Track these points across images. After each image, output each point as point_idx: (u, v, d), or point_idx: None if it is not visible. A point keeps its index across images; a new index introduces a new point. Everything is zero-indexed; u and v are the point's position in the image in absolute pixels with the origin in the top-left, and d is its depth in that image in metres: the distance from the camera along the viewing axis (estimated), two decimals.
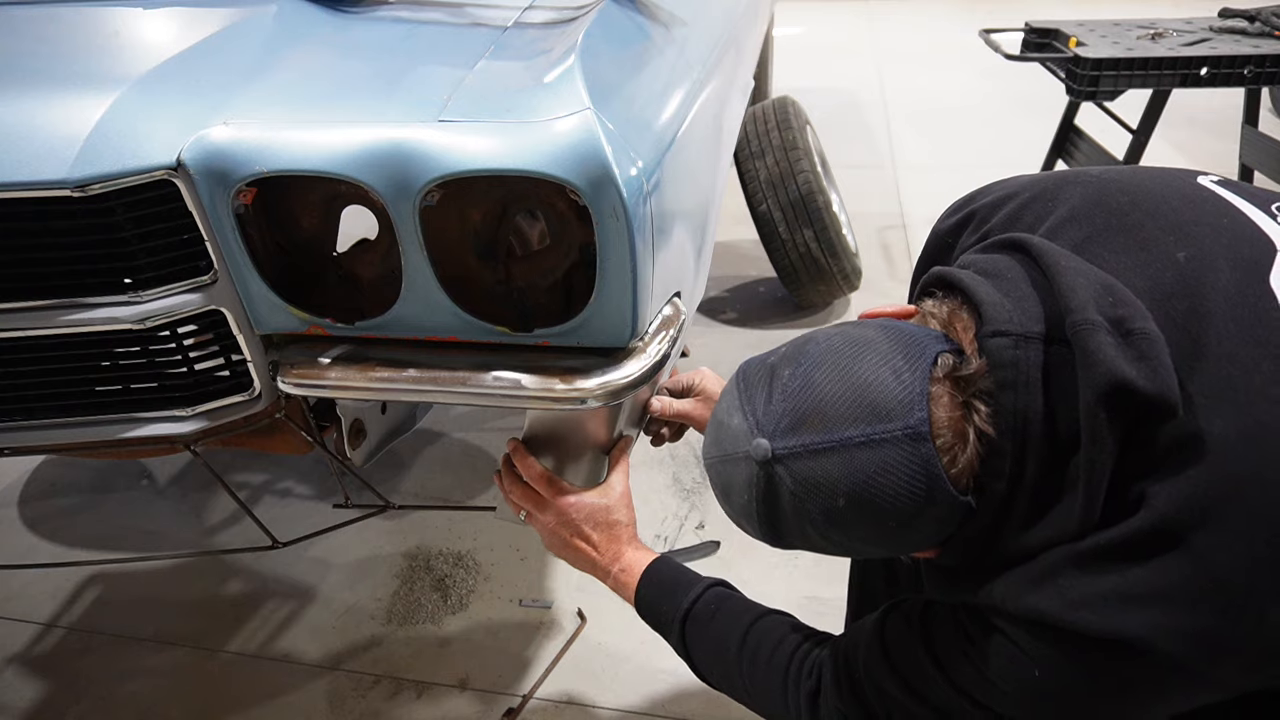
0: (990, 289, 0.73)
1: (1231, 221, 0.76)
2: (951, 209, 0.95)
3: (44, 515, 2.08)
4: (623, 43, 1.18)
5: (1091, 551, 0.68)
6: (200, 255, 1.03)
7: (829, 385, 0.72)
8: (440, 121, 0.96)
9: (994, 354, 0.70)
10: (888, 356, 0.71)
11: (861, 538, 0.74)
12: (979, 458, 0.70)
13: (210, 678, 1.64)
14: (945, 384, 0.70)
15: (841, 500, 0.71)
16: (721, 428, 0.78)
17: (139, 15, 1.24)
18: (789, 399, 0.73)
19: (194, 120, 0.99)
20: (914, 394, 0.69)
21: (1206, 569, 0.65)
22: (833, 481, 0.70)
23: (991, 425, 0.69)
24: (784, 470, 0.72)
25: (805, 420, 0.71)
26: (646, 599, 1.05)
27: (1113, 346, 0.66)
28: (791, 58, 4.91)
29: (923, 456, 0.69)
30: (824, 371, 0.72)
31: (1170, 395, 0.65)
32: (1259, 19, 2.48)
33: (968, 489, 0.71)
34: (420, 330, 1.06)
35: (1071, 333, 0.68)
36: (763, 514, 0.75)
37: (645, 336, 1.07)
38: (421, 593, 1.79)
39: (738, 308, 2.79)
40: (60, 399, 1.12)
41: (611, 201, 0.92)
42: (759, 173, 2.46)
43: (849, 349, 0.73)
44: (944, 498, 0.70)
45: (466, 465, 2.16)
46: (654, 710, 1.52)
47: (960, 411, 0.70)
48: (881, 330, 0.74)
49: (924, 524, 0.72)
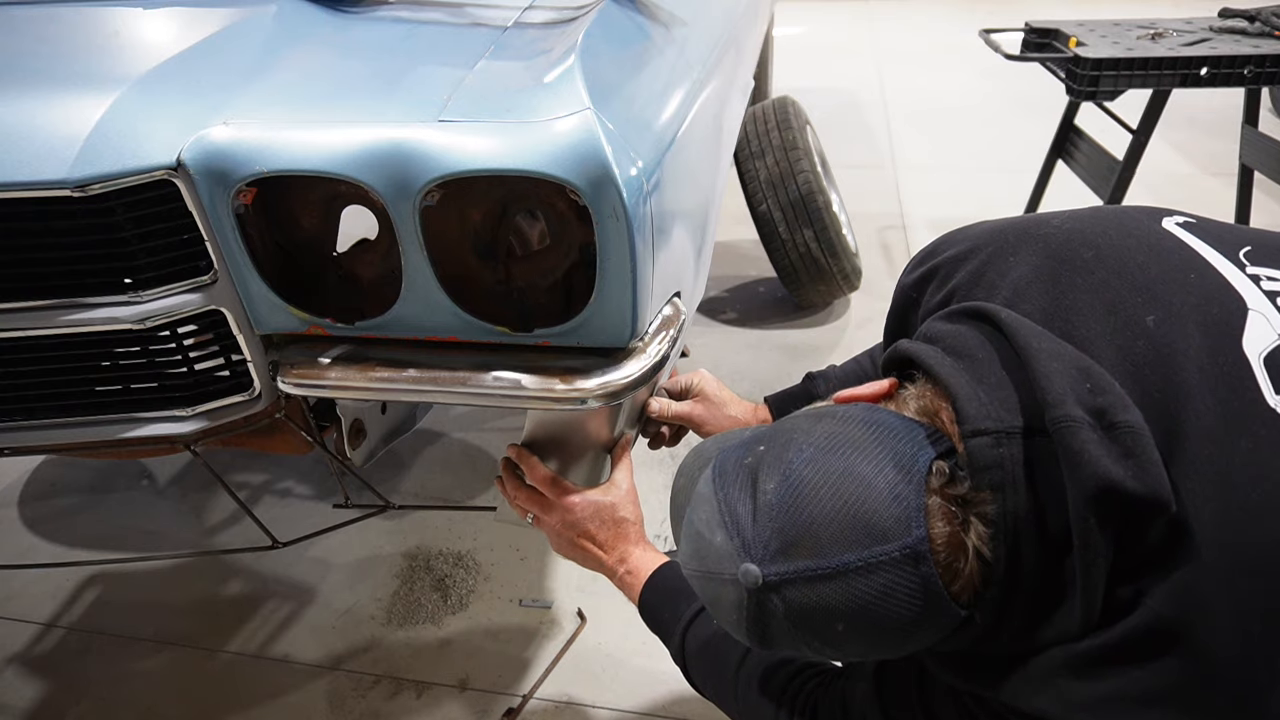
0: (964, 380, 0.71)
1: (1199, 277, 0.73)
2: (914, 262, 0.93)
3: (44, 515, 2.08)
4: (623, 43, 1.18)
5: (1091, 654, 0.67)
6: (200, 255, 1.03)
7: (819, 505, 0.68)
8: (440, 121, 0.96)
9: (976, 454, 0.68)
10: (880, 467, 0.68)
11: (860, 653, 0.73)
12: (979, 573, 0.68)
13: (210, 678, 1.64)
14: (942, 498, 0.68)
15: (840, 625, 0.68)
16: (702, 541, 0.74)
17: (139, 15, 1.24)
18: (776, 519, 0.69)
19: (194, 120, 0.99)
20: (910, 510, 0.66)
21: (1203, 666, 0.63)
22: (830, 608, 0.68)
23: (989, 544, 0.68)
24: (777, 598, 0.69)
25: (796, 544, 0.68)
26: (650, 603, 1.05)
27: (1097, 444, 0.63)
28: (791, 58, 4.91)
29: (923, 577, 0.66)
30: (812, 489, 0.69)
31: (1161, 493, 0.63)
32: (1259, 19, 2.48)
33: (970, 603, 0.69)
34: (420, 330, 1.06)
35: (1053, 429, 0.65)
36: (755, 634, 0.72)
37: (645, 336, 1.07)
38: (421, 593, 1.79)
39: (738, 308, 2.79)
40: (60, 399, 1.12)
41: (611, 201, 0.92)
42: (759, 173, 2.46)
43: (836, 459, 0.69)
44: (946, 613, 0.68)
45: (466, 465, 2.15)
46: (654, 711, 1.52)
47: (957, 525, 0.68)
48: (867, 429, 0.71)
49: (924, 636, 0.70)
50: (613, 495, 1.10)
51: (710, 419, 1.23)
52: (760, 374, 2.42)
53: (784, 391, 1.25)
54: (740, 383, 2.39)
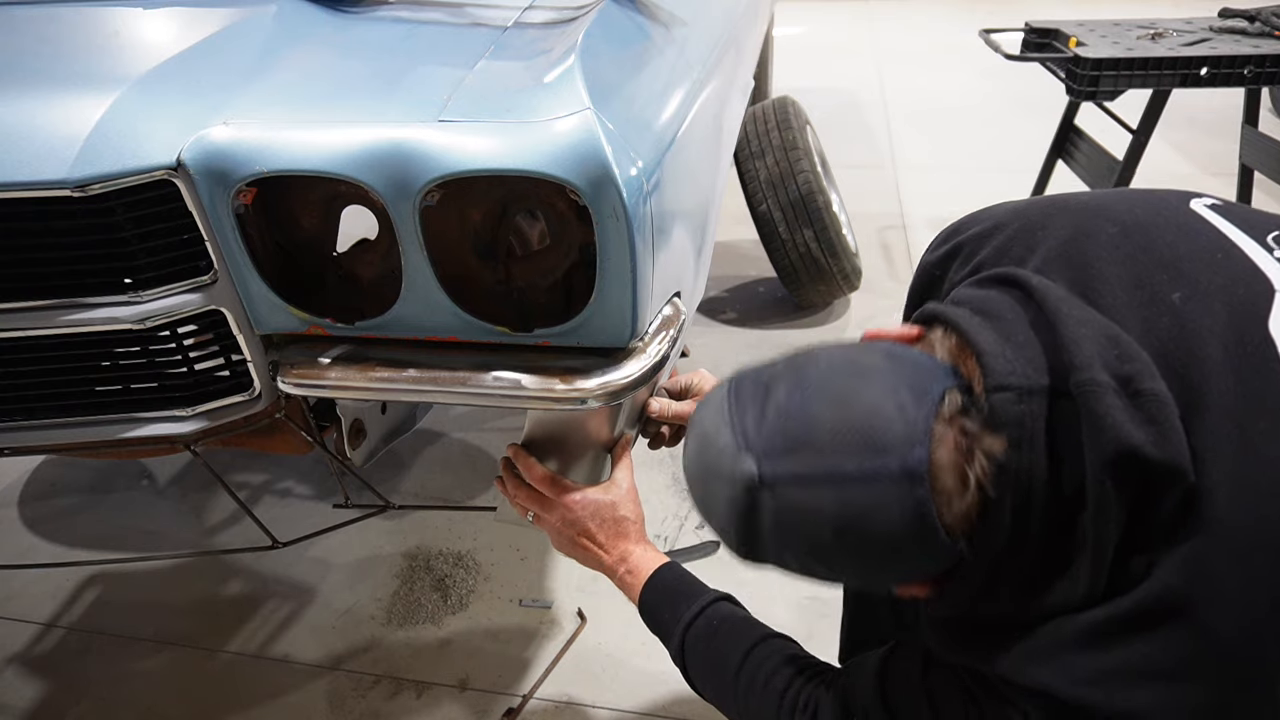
0: (991, 335, 0.70)
1: (1226, 257, 0.73)
2: (938, 240, 0.92)
3: (44, 515, 2.08)
4: (623, 43, 1.18)
5: (1097, 626, 0.67)
6: (200, 255, 1.03)
7: (827, 410, 0.68)
8: (440, 121, 0.96)
9: (998, 408, 0.67)
10: (893, 387, 0.68)
11: (843, 570, 0.73)
12: (977, 509, 0.67)
13: (210, 678, 1.64)
14: (951, 426, 0.67)
15: (828, 534, 0.68)
16: (705, 440, 0.74)
17: (139, 15, 1.24)
18: (783, 419, 0.69)
19: (194, 120, 0.99)
20: (916, 431, 0.66)
21: (1212, 643, 0.63)
22: (820, 514, 0.68)
23: (993, 483, 0.67)
24: (770, 497, 0.69)
25: (798, 446, 0.68)
26: (650, 604, 1.05)
27: (1121, 410, 0.63)
28: (791, 58, 4.92)
29: (917, 499, 0.66)
30: (823, 396, 0.69)
31: (1180, 461, 0.63)
32: (1259, 19, 2.48)
33: (960, 536, 0.68)
34: (420, 330, 1.06)
35: (1078, 391, 0.65)
36: (742, 535, 0.72)
37: (645, 336, 1.07)
38: (421, 593, 1.79)
39: (738, 308, 2.79)
40: (60, 399, 1.12)
41: (611, 201, 0.92)
42: (759, 173, 2.46)
43: (852, 374, 0.70)
44: (933, 543, 0.67)
45: (466, 465, 2.15)
46: (654, 711, 1.52)
47: (961, 455, 0.67)
48: (888, 358, 0.71)
49: (909, 564, 0.70)
50: (613, 494, 1.10)
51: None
52: None
53: None
54: None
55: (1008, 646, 0.71)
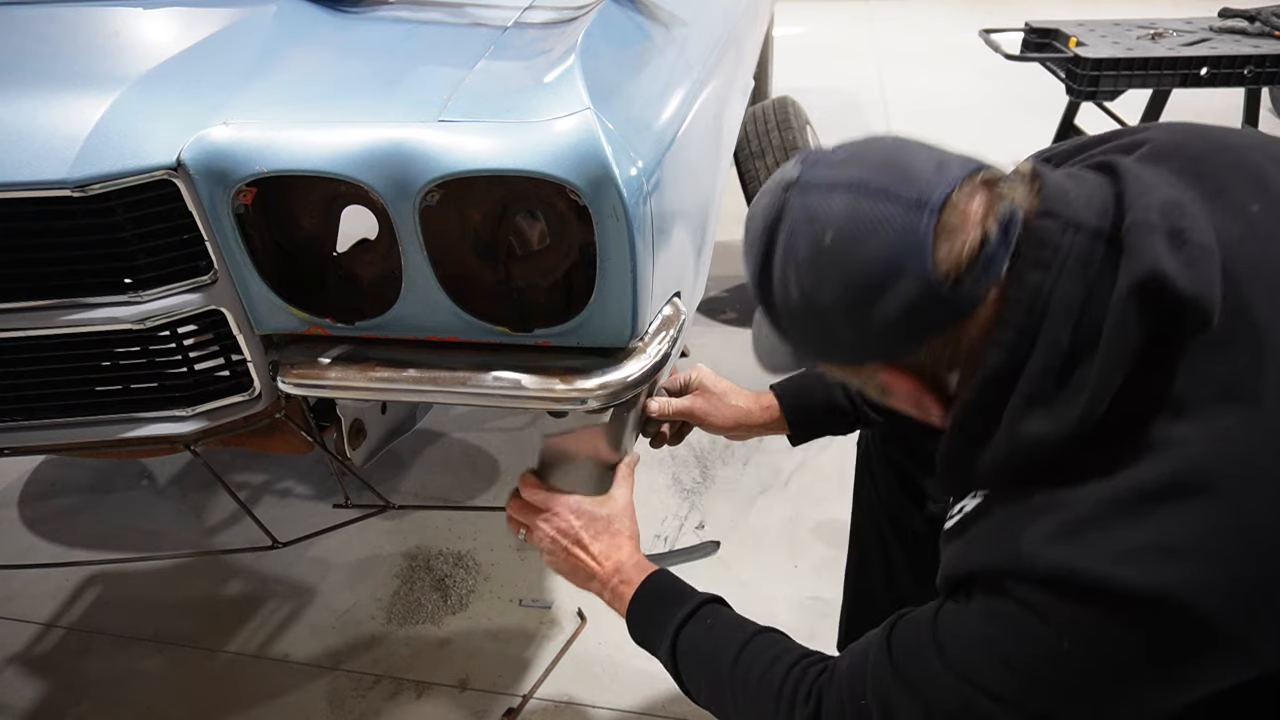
0: (1059, 176, 0.72)
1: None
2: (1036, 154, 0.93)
3: (44, 515, 2.08)
4: (623, 43, 1.18)
5: (1124, 497, 0.65)
6: (200, 255, 1.03)
7: (880, 147, 0.74)
8: (440, 121, 0.96)
9: (1038, 232, 0.68)
10: (942, 153, 0.73)
11: (829, 302, 0.72)
12: (973, 253, 0.68)
13: (210, 678, 1.64)
14: (981, 190, 0.69)
15: (828, 237, 0.70)
16: (772, 177, 0.79)
17: (139, 15, 1.24)
18: (841, 147, 0.75)
19: (194, 120, 0.99)
20: (948, 179, 0.69)
21: (1247, 522, 0.62)
22: (829, 216, 0.70)
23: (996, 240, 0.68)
24: (797, 197, 0.73)
25: (842, 162, 0.72)
26: (639, 612, 1.01)
27: (1163, 246, 0.64)
28: (791, 58, 4.91)
29: (919, 224, 0.67)
30: (880, 146, 0.74)
31: (1207, 301, 0.63)
32: (1259, 19, 2.48)
33: (947, 279, 0.68)
34: (420, 330, 1.06)
35: (1126, 230, 0.66)
36: (761, 244, 0.75)
37: (645, 336, 1.07)
38: (421, 593, 1.79)
39: (738, 308, 2.79)
40: (60, 399, 1.12)
41: (611, 201, 0.92)
42: (759, 173, 2.46)
43: (916, 144, 0.74)
44: (916, 273, 0.67)
45: (466, 465, 2.15)
46: (654, 711, 1.52)
47: (981, 214, 0.68)
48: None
49: (891, 302, 0.69)
50: (609, 508, 1.07)
51: (712, 411, 1.22)
52: (760, 374, 2.41)
53: (791, 376, 1.23)
54: (740, 383, 2.38)
55: (1024, 528, 0.68)
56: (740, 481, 2.05)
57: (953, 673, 0.73)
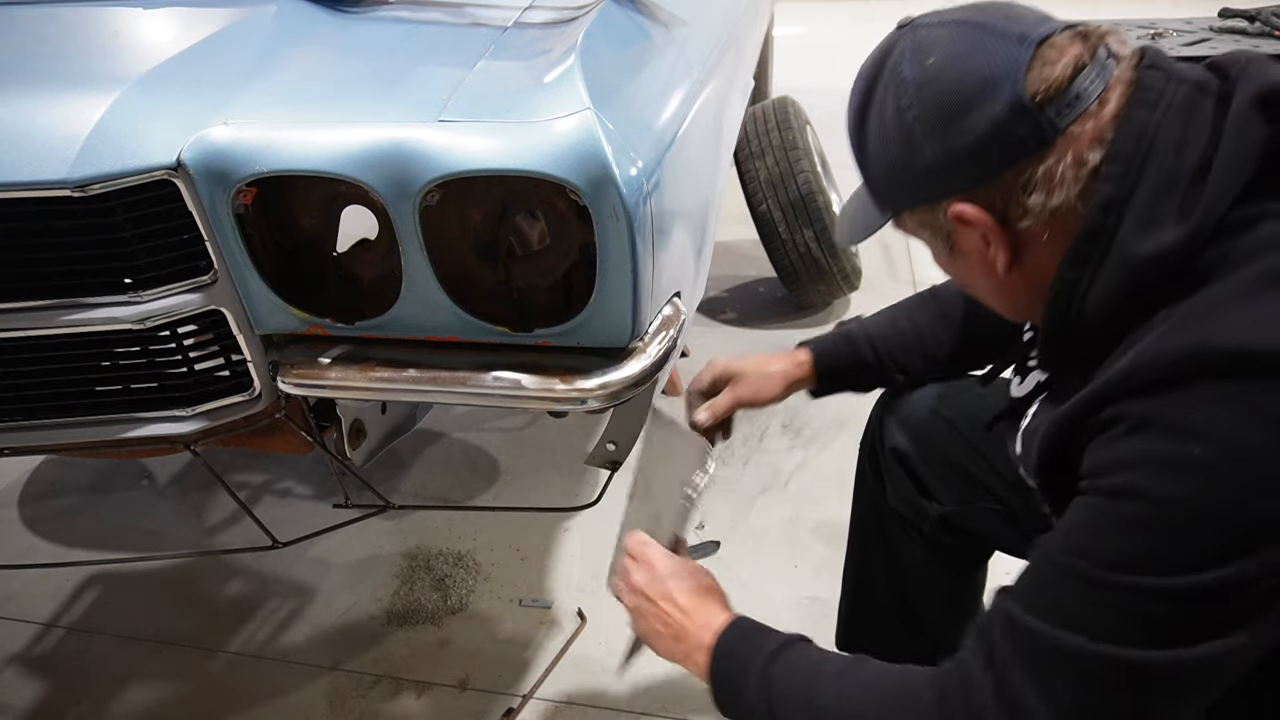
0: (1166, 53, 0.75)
1: None
2: None
3: (44, 515, 2.08)
4: (623, 43, 1.18)
5: (1249, 281, 0.64)
6: (200, 255, 1.03)
7: (993, 3, 0.77)
8: (440, 121, 0.96)
9: (1143, 79, 0.71)
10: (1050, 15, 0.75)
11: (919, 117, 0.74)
12: (1063, 84, 0.70)
13: (210, 678, 1.64)
14: (1081, 38, 0.72)
15: (931, 60, 0.74)
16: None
17: (139, 15, 1.24)
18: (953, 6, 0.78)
19: (194, 120, 0.99)
20: (1049, 25, 0.73)
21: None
22: (935, 43, 0.75)
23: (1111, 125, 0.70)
24: (910, 32, 0.78)
25: (955, 9, 0.77)
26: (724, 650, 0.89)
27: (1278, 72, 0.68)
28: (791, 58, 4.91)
29: (1018, 52, 0.71)
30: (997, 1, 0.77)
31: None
32: (1259, 19, 2.48)
33: (1034, 99, 0.70)
34: (420, 330, 1.06)
35: (1239, 69, 0.69)
36: (868, 76, 0.80)
37: (645, 336, 1.07)
38: (421, 593, 1.79)
39: (738, 308, 2.79)
40: (61, 399, 1.12)
41: (611, 201, 0.93)
42: (759, 173, 2.46)
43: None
44: (1008, 92, 0.70)
45: (466, 465, 2.15)
46: (654, 710, 1.52)
47: (1077, 52, 0.71)
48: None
49: (979, 117, 0.71)
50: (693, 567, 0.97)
51: (760, 388, 1.20)
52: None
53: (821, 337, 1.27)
54: None
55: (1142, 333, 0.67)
56: (740, 481, 2.05)
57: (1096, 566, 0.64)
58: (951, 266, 0.85)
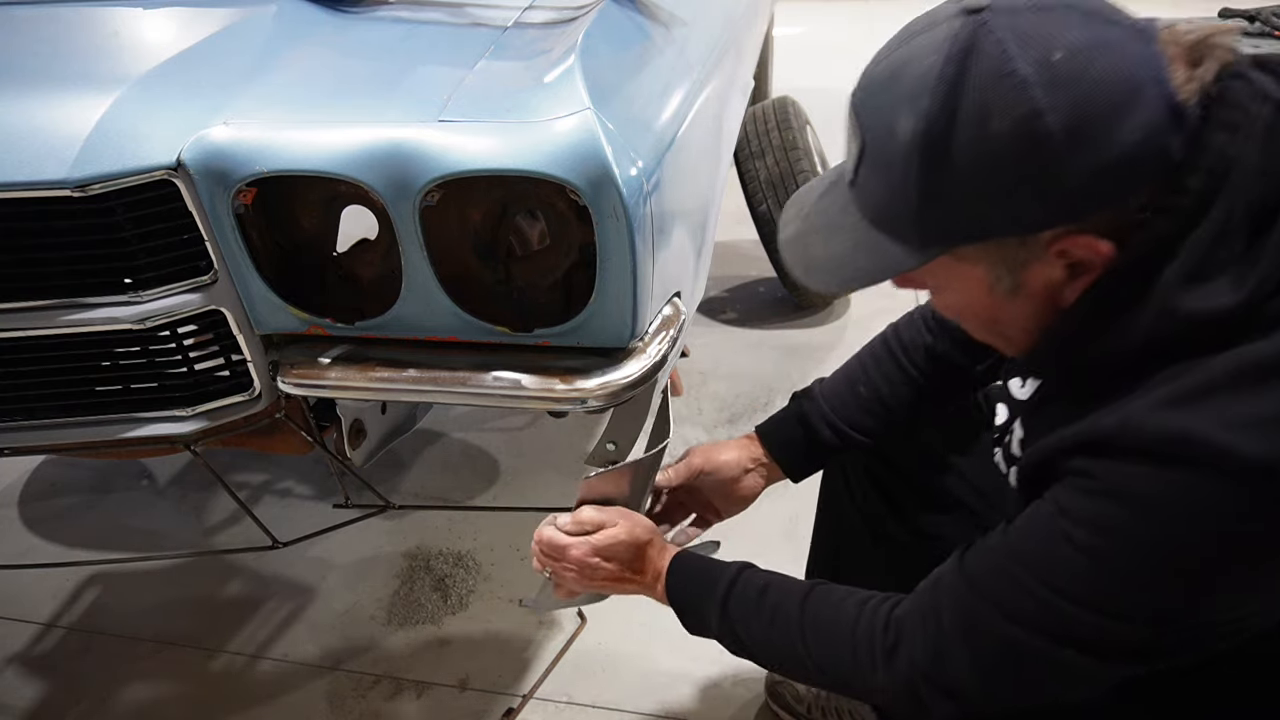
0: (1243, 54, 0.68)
1: None
2: None
3: (44, 515, 2.08)
4: (623, 43, 1.18)
5: (1258, 365, 0.61)
6: (200, 255, 1.03)
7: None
8: (440, 121, 0.96)
9: (1229, 93, 0.63)
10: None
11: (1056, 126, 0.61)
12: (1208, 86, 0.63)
13: (210, 678, 1.64)
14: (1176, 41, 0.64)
15: (1057, 55, 0.61)
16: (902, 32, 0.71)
17: (139, 15, 1.24)
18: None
19: (194, 120, 0.99)
20: (1147, 19, 0.65)
21: None
22: (1054, 34, 0.61)
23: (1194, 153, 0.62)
24: (999, 20, 0.63)
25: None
26: (675, 587, 0.98)
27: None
28: (791, 58, 4.91)
29: (1149, 48, 0.62)
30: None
31: None
32: (1259, 19, 2.48)
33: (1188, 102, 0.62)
34: (420, 330, 1.06)
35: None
36: (945, 78, 0.63)
37: (645, 336, 1.07)
38: (421, 593, 1.79)
39: (738, 308, 2.79)
40: (61, 399, 1.12)
41: (611, 201, 0.92)
42: (759, 173, 2.46)
43: None
44: (1155, 98, 0.61)
45: (466, 465, 2.15)
46: (654, 710, 1.52)
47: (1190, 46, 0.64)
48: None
49: (1128, 129, 0.61)
50: (618, 532, 1.02)
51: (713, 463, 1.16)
52: (760, 374, 2.41)
53: (772, 418, 1.19)
54: (740, 383, 2.39)
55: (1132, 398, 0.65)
56: None
57: (1034, 579, 0.70)
58: (990, 306, 0.74)
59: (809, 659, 0.87)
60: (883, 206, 0.71)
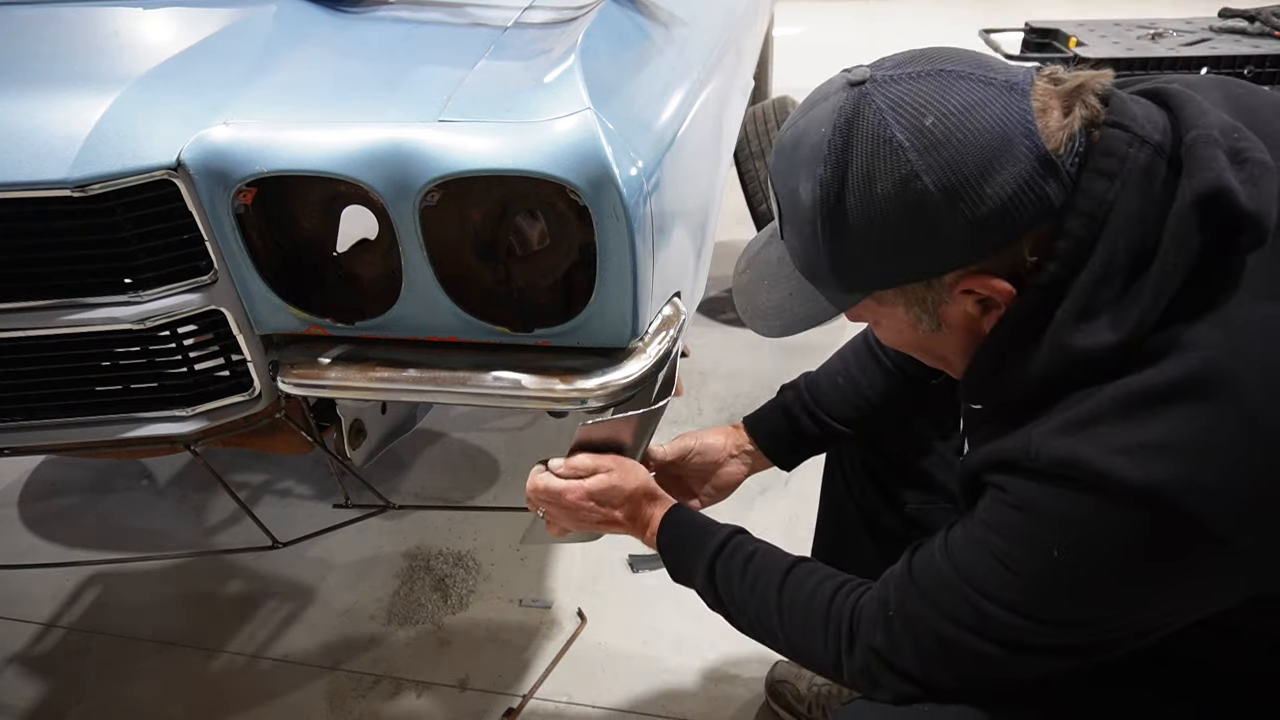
0: (1124, 95, 0.72)
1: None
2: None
3: (44, 515, 2.08)
4: (623, 43, 1.18)
5: (1137, 394, 0.66)
6: (200, 255, 1.03)
7: (937, 50, 0.72)
8: (440, 121, 0.96)
9: (1106, 140, 0.68)
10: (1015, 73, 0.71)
11: (933, 187, 0.67)
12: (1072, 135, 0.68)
13: (210, 678, 1.64)
14: (1053, 84, 0.69)
15: (929, 120, 0.67)
16: (805, 101, 0.76)
17: (139, 15, 1.24)
18: (893, 55, 0.73)
19: (194, 120, 0.99)
20: (1023, 70, 0.70)
21: (1252, 428, 0.63)
22: (925, 101, 0.67)
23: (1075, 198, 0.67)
24: (877, 90, 0.69)
25: (910, 60, 0.71)
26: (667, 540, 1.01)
27: (1224, 162, 0.65)
28: (791, 58, 4.91)
29: (1018, 102, 0.67)
30: (937, 48, 0.73)
31: (1266, 219, 0.64)
32: (1259, 19, 2.48)
33: (1057, 151, 0.67)
34: (420, 330, 1.06)
35: (1187, 146, 0.67)
36: (834, 146, 0.70)
37: (645, 336, 1.07)
38: (421, 593, 1.79)
39: None
40: (60, 399, 1.12)
41: (611, 201, 0.93)
42: (759, 173, 2.46)
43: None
44: (1027, 150, 0.66)
45: (466, 465, 2.15)
46: (654, 710, 1.52)
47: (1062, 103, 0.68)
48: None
49: (999, 183, 0.66)
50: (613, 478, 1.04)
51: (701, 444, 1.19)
52: (760, 374, 2.41)
53: (759, 409, 1.23)
54: (740, 382, 2.39)
55: (1037, 425, 0.70)
56: None
57: (961, 580, 0.76)
58: (921, 340, 0.81)
59: (780, 632, 0.92)
60: (804, 260, 0.79)
